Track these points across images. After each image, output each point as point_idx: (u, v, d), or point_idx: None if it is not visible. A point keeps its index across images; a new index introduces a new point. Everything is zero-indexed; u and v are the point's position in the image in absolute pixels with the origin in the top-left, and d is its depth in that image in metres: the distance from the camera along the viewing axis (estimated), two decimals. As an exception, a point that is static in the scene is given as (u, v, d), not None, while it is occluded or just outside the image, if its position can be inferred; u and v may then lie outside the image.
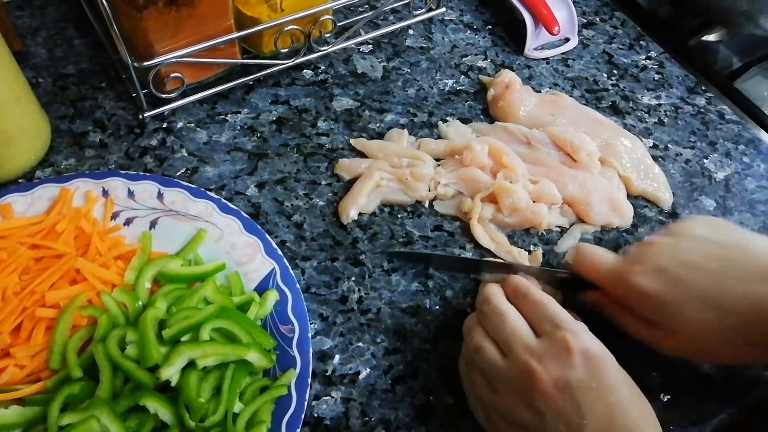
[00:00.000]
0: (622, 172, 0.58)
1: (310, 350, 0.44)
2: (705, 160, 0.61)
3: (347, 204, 0.53)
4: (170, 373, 0.39)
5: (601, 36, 0.72)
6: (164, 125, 0.58)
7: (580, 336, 0.38)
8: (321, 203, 0.54)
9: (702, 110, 0.66)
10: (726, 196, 0.59)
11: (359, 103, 0.61)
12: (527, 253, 0.52)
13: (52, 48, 0.62)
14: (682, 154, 0.62)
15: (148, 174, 0.51)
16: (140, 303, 0.44)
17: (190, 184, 0.51)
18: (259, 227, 0.49)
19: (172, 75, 0.54)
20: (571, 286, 0.48)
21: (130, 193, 0.50)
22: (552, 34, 0.67)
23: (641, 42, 0.72)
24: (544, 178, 0.55)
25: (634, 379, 0.39)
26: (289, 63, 0.60)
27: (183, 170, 0.55)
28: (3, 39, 0.47)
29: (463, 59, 0.67)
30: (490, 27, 0.71)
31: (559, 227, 0.55)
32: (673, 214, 0.57)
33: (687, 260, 0.41)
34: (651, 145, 0.62)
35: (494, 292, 0.43)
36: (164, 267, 0.45)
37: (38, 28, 0.63)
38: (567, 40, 0.70)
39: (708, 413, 0.46)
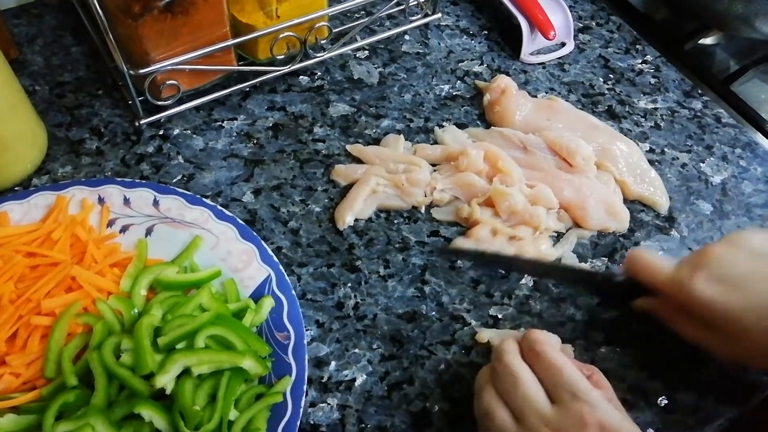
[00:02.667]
0: (619, 176, 0.58)
1: (306, 357, 0.44)
2: (701, 164, 0.61)
3: (343, 210, 0.53)
4: (165, 380, 0.39)
5: (597, 40, 0.72)
6: (160, 132, 0.58)
7: (598, 409, 0.36)
8: (317, 209, 0.54)
9: (698, 114, 0.66)
10: (723, 200, 0.59)
11: (355, 109, 0.62)
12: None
13: (49, 56, 0.62)
14: (678, 158, 0.62)
15: (143, 181, 0.51)
16: (136, 310, 0.44)
17: (185, 191, 0.51)
18: (254, 234, 0.49)
19: (168, 82, 0.54)
20: (627, 290, 0.47)
21: (126, 201, 0.50)
22: (548, 38, 0.67)
23: (637, 46, 0.72)
24: (540, 183, 0.55)
25: (633, 384, 0.39)
26: (285, 69, 0.60)
27: (179, 177, 0.55)
28: (-1, 47, 0.47)
29: (459, 64, 0.67)
30: (486, 32, 0.71)
31: (556, 232, 0.55)
32: (670, 219, 0.57)
33: (747, 267, 0.42)
34: (647, 149, 0.62)
35: (509, 349, 0.41)
36: (160, 274, 0.45)
37: (35, 36, 0.63)
38: (563, 44, 0.70)
39: (707, 418, 0.46)
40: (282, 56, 0.59)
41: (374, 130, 0.60)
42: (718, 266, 0.42)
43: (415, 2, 0.67)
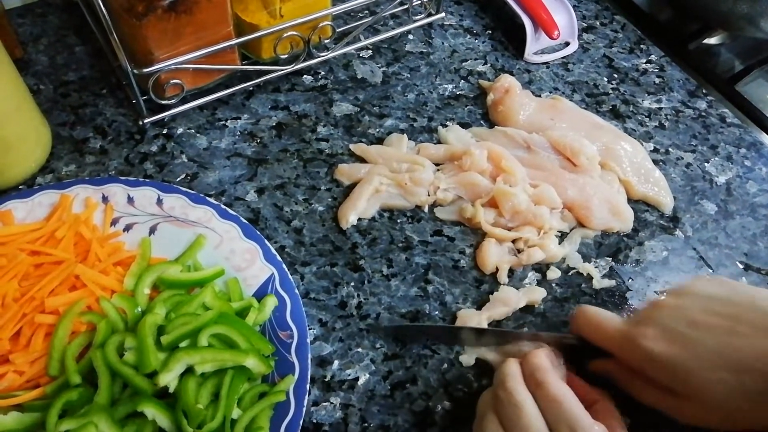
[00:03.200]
0: (623, 176, 0.57)
1: (309, 356, 0.44)
2: (706, 164, 0.61)
3: (346, 209, 0.53)
4: (168, 379, 0.39)
5: (601, 40, 0.72)
6: (164, 131, 0.58)
7: None
8: (320, 208, 0.54)
9: (703, 114, 0.66)
10: (727, 200, 0.59)
11: (359, 109, 0.62)
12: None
13: (53, 55, 0.62)
14: (683, 158, 0.61)
15: (147, 180, 0.52)
16: (139, 309, 0.44)
17: (189, 190, 0.51)
18: (258, 233, 0.49)
19: (171, 81, 0.54)
20: (579, 352, 0.44)
21: (130, 199, 0.50)
22: (552, 38, 0.67)
23: (642, 46, 0.72)
24: (543, 183, 0.55)
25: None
26: (289, 69, 0.60)
27: (183, 176, 0.55)
28: (4, 46, 0.47)
29: (463, 64, 0.67)
30: (489, 32, 0.71)
31: (560, 232, 0.55)
32: (674, 219, 0.57)
33: (694, 319, 0.39)
34: (651, 149, 0.62)
35: (512, 373, 0.39)
36: (163, 273, 0.45)
37: (39, 36, 0.64)
38: (567, 44, 0.70)
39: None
40: (285, 55, 0.59)
41: (378, 130, 0.60)
42: (666, 321, 0.40)
43: (419, 2, 0.67)
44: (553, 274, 0.52)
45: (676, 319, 0.40)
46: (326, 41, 0.61)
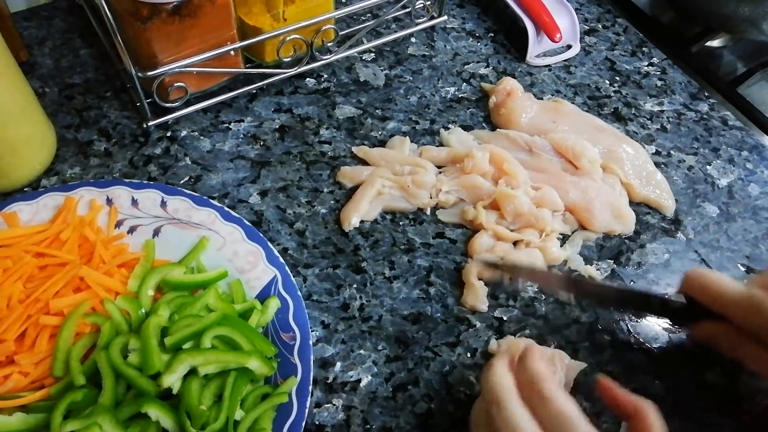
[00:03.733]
0: (624, 178, 0.57)
1: (312, 358, 0.44)
2: (708, 167, 0.61)
3: (349, 211, 0.53)
4: (172, 380, 0.39)
5: (603, 43, 0.72)
6: (168, 134, 0.58)
7: None
8: (323, 211, 0.54)
9: (705, 116, 0.66)
10: (729, 203, 0.59)
11: (361, 111, 0.62)
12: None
13: (58, 58, 0.63)
14: (684, 161, 0.62)
15: (151, 182, 0.52)
16: (143, 311, 0.44)
17: (193, 193, 0.51)
18: (261, 235, 0.49)
19: (175, 84, 0.54)
20: (686, 316, 0.43)
21: (134, 202, 0.50)
22: (554, 41, 0.67)
23: (644, 48, 0.72)
24: (545, 185, 0.55)
25: (637, 388, 0.37)
26: (292, 72, 0.60)
27: (186, 178, 0.55)
28: (9, 50, 0.48)
29: (465, 67, 0.67)
30: (491, 35, 0.71)
31: (562, 234, 0.55)
32: (676, 221, 0.57)
33: None
34: (653, 151, 0.62)
35: (505, 386, 0.35)
36: (167, 275, 0.46)
37: (45, 39, 0.64)
38: (569, 47, 0.70)
39: (710, 424, 0.46)
40: (289, 59, 0.59)
41: (380, 132, 0.60)
42: None
43: (421, 5, 0.67)
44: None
45: None
46: (329, 44, 0.61)
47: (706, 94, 0.68)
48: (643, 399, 0.37)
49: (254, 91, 0.62)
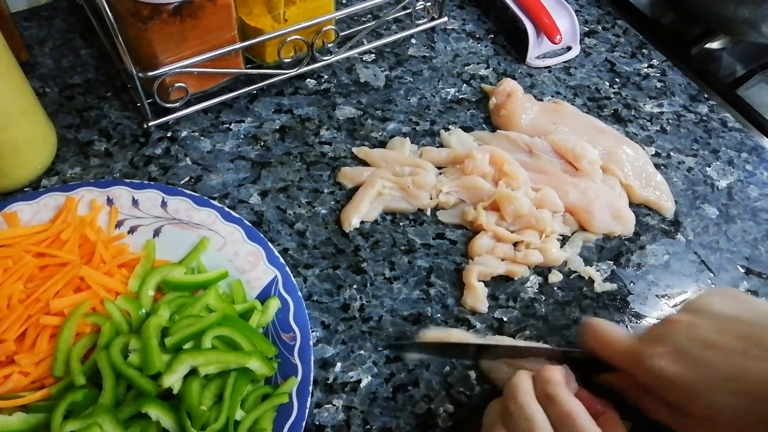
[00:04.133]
0: (624, 180, 0.58)
1: (312, 358, 0.44)
2: (707, 168, 0.61)
3: (349, 212, 0.53)
4: (172, 380, 0.39)
5: (603, 44, 0.72)
6: (168, 134, 0.58)
7: None
8: (323, 211, 0.54)
9: (704, 118, 0.66)
10: (728, 204, 0.59)
11: (362, 112, 0.62)
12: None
13: (59, 58, 0.63)
14: (684, 162, 0.62)
15: (152, 183, 0.52)
16: (143, 311, 0.44)
17: (193, 193, 0.51)
18: (261, 235, 0.49)
19: (176, 85, 0.54)
20: (585, 365, 0.44)
21: (135, 202, 0.50)
22: (554, 42, 0.67)
23: (643, 50, 0.72)
24: (546, 186, 0.55)
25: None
26: (293, 72, 0.60)
27: (187, 179, 0.55)
28: (10, 50, 0.48)
29: (465, 68, 0.67)
30: (492, 36, 0.71)
31: (562, 236, 0.55)
32: (676, 223, 0.57)
33: (707, 340, 0.38)
34: (653, 153, 0.62)
35: (524, 387, 0.39)
36: (167, 275, 0.46)
37: (45, 39, 0.64)
38: (569, 48, 0.70)
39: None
40: (289, 59, 0.59)
41: (380, 133, 0.60)
42: (679, 340, 0.39)
43: (422, 6, 0.67)
44: (555, 277, 0.52)
45: (688, 338, 0.38)
46: (329, 45, 0.61)
47: (706, 95, 0.68)
48: (606, 402, 0.41)
49: (255, 92, 0.62)
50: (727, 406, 0.36)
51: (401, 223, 0.55)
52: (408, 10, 0.68)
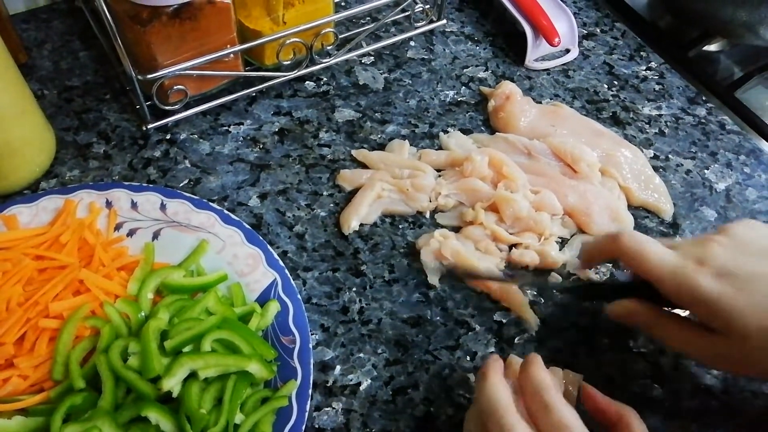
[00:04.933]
0: (623, 182, 0.58)
1: (311, 361, 0.44)
2: (706, 171, 0.62)
3: (349, 215, 0.53)
4: (172, 384, 0.39)
5: (601, 47, 0.72)
6: (167, 137, 0.58)
7: None
8: (323, 214, 0.54)
9: (703, 120, 0.66)
10: (727, 207, 0.59)
11: (361, 115, 0.62)
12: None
13: (58, 60, 0.63)
14: (682, 165, 0.62)
15: (151, 185, 0.52)
16: (143, 314, 0.44)
17: (192, 195, 0.51)
18: (260, 238, 0.49)
19: (175, 87, 0.54)
20: (598, 292, 0.44)
21: (134, 205, 0.50)
22: (552, 45, 0.68)
23: (642, 53, 0.72)
24: (544, 189, 0.55)
25: (638, 392, 0.37)
26: (292, 75, 0.60)
27: (186, 181, 0.55)
28: (9, 52, 0.48)
29: (464, 70, 0.67)
30: (490, 38, 0.71)
31: (560, 238, 0.55)
32: (674, 225, 0.57)
33: (754, 268, 0.39)
34: (651, 155, 0.62)
35: (502, 401, 0.35)
36: (167, 278, 0.46)
37: (44, 41, 0.64)
38: (567, 51, 0.70)
39: (709, 425, 0.46)
40: (288, 62, 0.59)
41: (379, 136, 0.60)
42: (724, 262, 0.39)
43: (421, 8, 0.67)
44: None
45: (736, 263, 0.39)
46: (328, 48, 0.61)
47: (704, 98, 0.68)
48: (625, 406, 0.38)
49: (254, 94, 0.62)
50: (757, 331, 0.37)
51: (400, 226, 0.55)
52: (407, 13, 0.68)
